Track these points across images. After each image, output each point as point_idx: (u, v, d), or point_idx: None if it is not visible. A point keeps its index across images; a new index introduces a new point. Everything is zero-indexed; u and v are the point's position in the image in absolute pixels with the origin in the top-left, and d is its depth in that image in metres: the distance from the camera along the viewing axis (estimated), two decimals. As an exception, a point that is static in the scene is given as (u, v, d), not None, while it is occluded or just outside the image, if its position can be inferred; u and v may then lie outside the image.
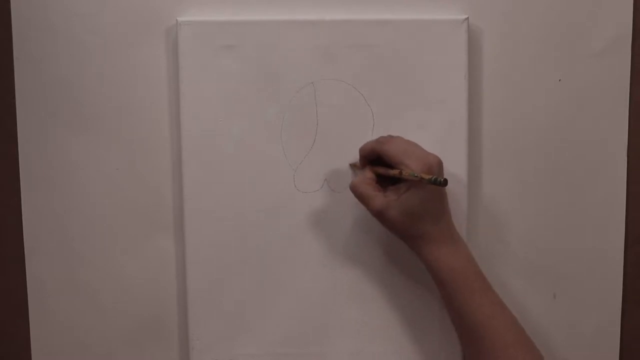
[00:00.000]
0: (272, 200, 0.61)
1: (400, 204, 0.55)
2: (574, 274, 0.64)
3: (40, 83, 0.61)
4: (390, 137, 0.58)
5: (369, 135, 0.61)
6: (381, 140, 0.58)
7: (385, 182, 0.58)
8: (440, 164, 0.55)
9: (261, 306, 0.62)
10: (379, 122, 0.61)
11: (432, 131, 0.61)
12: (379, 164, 0.58)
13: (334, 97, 0.61)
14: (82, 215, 0.62)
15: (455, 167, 0.61)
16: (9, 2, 0.61)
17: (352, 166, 0.61)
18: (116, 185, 0.62)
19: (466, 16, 0.60)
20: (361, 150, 0.59)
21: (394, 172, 0.56)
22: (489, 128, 0.62)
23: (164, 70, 0.61)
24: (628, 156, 0.63)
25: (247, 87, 0.61)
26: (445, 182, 0.52)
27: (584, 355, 0.64)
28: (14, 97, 0.62)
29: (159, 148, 0.62)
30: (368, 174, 0.58)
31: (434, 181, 0.52)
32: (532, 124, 0.62)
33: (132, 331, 0.64)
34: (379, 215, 0.56)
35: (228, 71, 0.60)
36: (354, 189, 0.57)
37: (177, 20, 0.60)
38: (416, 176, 0.53)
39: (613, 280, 0.64)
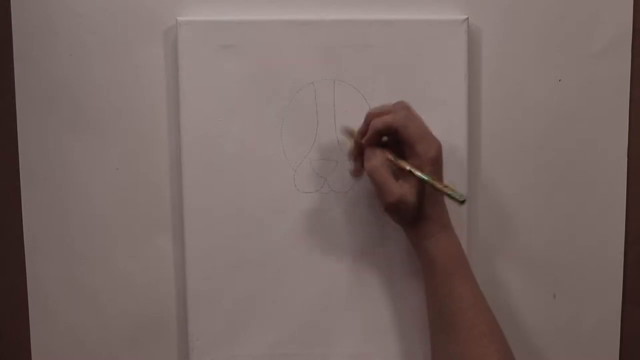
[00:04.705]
0: (272, 200, 0.61)
1: (416, 191, 0.52)
2: (574, 273, 0.64)
3: (40, 83, 0.61)
4: (408, 113, 0.53)
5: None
6: (401, 120, 0.52)
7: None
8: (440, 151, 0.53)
9: (261, 306, 0.62)
10: (379, 122, 0.61)
11: (432, 131, 0.61)
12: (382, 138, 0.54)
13: (334, 97, 0.61)
14: (82, 215, 0.62)
15: (455, 167, 0.61)
16: (9, 2, 0.61)
17: (346, 132, 0.57)
18: (116, 185, 0.62)
19: (466, 16, 0.60)
20: (375, 123, 0.53)
21: (405, 168, 0.52)
22: (489, 128, 0.62)
23: (164, 70, 0.61)
24: (628, 156, 0.63)
25: (247, 87, 0.61)
26: (464, 201, 0.50)
27: (584, 355, 0.64)
28: (14, 97, 0.62)
29: (159, 148, 0.62)
30: (386, 155, 0.53)
31: (453, 197, 0.51)
32: (532, 124, 0.62)
33: (132, 331, 0.64)
34: (398, 203, 0.52)
35: (228, 71, 0.60)
36: (373, 173, 0.52)
37: (176, 20, 0.60)
38: (435, 185, 0.51)
39: (613, 279, 0.64)
